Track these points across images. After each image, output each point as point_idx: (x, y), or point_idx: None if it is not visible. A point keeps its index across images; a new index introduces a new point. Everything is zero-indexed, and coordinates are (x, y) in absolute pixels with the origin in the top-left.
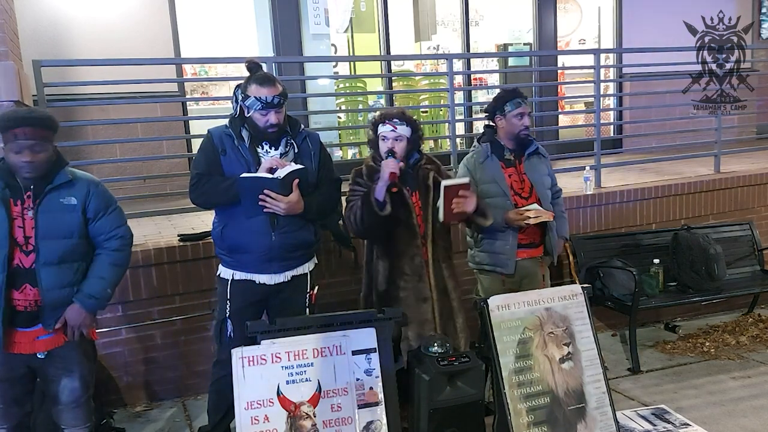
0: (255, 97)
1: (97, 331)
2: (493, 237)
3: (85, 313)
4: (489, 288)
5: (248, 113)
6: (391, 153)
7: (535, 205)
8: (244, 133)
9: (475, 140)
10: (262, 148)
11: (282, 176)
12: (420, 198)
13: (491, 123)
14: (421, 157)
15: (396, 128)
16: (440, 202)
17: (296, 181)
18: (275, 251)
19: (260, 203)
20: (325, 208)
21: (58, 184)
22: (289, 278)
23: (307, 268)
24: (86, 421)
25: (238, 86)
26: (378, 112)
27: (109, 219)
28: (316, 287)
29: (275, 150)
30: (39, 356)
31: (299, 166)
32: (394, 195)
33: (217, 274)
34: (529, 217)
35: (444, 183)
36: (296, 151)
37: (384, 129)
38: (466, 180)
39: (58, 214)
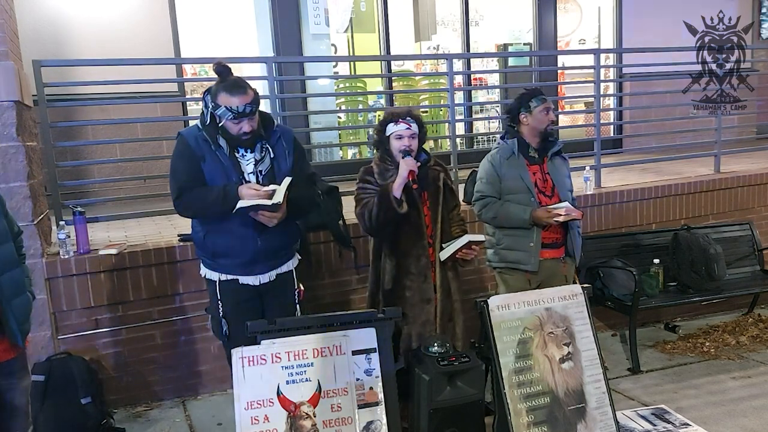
0: (226, 107)
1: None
2: (517, 234)
3: None
4: (514, 287)
5: (220, 122)
6: (407, 152)
7: (566, 204)
8: (221, 141)
9: (499, 138)
10: (239, 152)
11: (280, 201)
12: (429, 198)
13: (512, 124)
14: (429, 158)
15: (410, 126)
16: (453, 247)
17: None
18: (260, 255)
19: (252, 216)
20: (302, 207)
21: None
22: (274, 277)
23: (291, 265)
24: (30, 425)
25: (207, 91)
26: (385, 113)
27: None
28: (301, 285)
29: (251, 153)
30: None
31: (287, 182)
32: (406, 194)
33: (203, 275)
34: (560, 215)
35: (471, 238)
36: (272, 156)
37: (399, 128)
38: (482, 237)
39: None
